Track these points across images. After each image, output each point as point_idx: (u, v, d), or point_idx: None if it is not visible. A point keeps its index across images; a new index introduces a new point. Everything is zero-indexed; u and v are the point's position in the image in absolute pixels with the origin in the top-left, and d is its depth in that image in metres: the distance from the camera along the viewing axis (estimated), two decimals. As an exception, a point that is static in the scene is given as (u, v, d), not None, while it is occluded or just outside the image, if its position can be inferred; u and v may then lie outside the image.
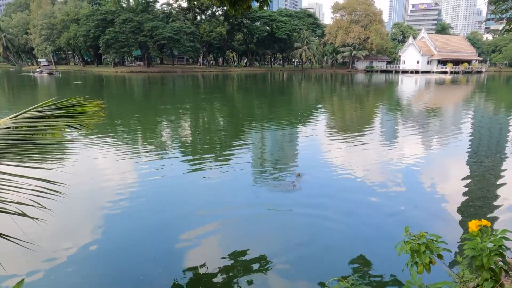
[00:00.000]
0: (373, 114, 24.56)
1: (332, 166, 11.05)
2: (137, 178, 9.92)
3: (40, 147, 2.85)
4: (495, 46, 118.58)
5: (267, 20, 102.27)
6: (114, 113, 22.06)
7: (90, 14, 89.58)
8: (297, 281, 5.48)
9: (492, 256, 2.50)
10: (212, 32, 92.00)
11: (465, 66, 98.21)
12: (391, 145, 14.36)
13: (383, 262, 5.85)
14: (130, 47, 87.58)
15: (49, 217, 3.17)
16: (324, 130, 18.02)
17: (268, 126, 18.68)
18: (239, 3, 6.81)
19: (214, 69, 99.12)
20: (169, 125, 19.48)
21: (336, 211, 7.86)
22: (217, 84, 54.11)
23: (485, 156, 12.91)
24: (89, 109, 3.36)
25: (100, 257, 6.05)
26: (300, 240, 6.68)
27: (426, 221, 7.46)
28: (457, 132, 17.26)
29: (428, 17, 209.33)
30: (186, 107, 27.69)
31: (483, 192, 9.16)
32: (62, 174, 5.91)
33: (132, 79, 63.66)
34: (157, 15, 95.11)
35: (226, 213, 7.79)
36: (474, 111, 26.67)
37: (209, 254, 6.15)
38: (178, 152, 12.95)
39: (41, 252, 5.91)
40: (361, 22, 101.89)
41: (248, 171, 10.65)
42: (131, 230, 6.93)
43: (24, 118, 3.03)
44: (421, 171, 10.78)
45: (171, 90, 44.40)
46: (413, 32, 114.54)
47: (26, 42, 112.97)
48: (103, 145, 13.69)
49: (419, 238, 2.72)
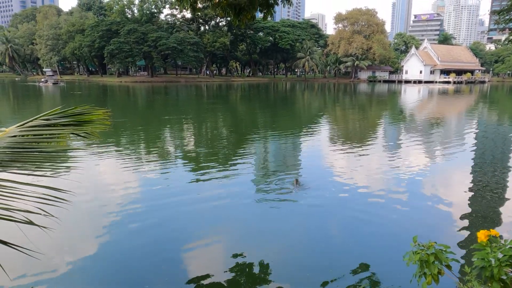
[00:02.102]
0: (377, 124, 24.53)
1: (336, 175, 11.00)
2: (142, 187, 9.92)
3: (46, 155, 2.85)
4: (498, 56, 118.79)
5: (270, 30, 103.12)
6: (119, 122, 22.16)
7: (95, 25, 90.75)
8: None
9: (503, 266, 2.46)
10: (216, 42, 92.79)
11: (468, 76, 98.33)
12: (396, 155, 14.30)
13: (391, 273, 5.77)
14: (134, 57, 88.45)
15: (55, 225, 3.16)
16: (328, 140, 18.00)
17: (271, 136, 18.68)
18: (243, 13, 6.87)
19: (217, 79, 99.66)
20: (173, 134, 19.53)
21: (341, 221, 7.80)
22: (220, 94, 54.35)
23: (491, 165, 12.82)
24: (95, 118, 3.37)
25: (105, 266, 6.01)
26: (303, 250, 6.62)
27: (433, 230, 7.38)
28: (461, 142, 17.18)
29: (431, 27, 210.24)
30: (189, 117, 27.79)
31: (490, 202, 9.07)
32: (68, 182, 5.90)
33: (136, 89, 64.10)
34: (161, 25, 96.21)
35: (228, 222, 7.74)
36: (478, 121, 26.59)
37: (212, 263, 6.10)
38: (182, 162, 12.95)
39: (46, 260, 5.88)
40: (363, 32, 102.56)
41: (250, 180, 10.62)
42: (137, 239, 6.89)
43: (31, 127, 3.04)
44: (427, 181, 10.71)
45: (174, 100, 44.62)
46: (415, 42, 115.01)
47: (32, 52, 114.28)
48: (108, 153, 13.72)
49: (427, 248, 2.68)
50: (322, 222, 7.64)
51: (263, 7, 7.61)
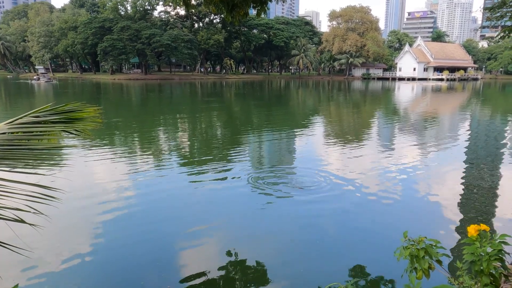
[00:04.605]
0: (371, 122, 24.63)
1: (329, 172, 11.02)
2: (134, 185, 9.87)
3: (36, 152, 2.82)
4: (490, 53, 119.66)
5: (265, 27, 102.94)
6: (111, 120, 22.03)
7: (88, 22, 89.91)
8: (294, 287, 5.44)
9: (492, 261, 2.49)
10: (210, 39, 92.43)
11: (461, 73, 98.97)
12: (389, 152, 14.38)
13: (382, 268, 5.81)
14: (128, 54, 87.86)
15: (45, 223, 3.13)
16: (322, 138, 18.04)
17: (266, 134, 18.68)
18: (236, 10, 6.84)
19: (211, 76, 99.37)
20: (166, 133, 19.46)
21: (333, 216, 7.84)
22: (215, 92, 54.22)
23: (483, 162, 12.93)
24: (86, 115, 3.34)
25: (95, 264, 5.98)
26: (296, 246, 6.64)
27: (425, 226, 7.45)
28: (454, 139, 17.31)
29: (424, 24, 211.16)
30: (183, 114, 27.71)
31: (482, 197, 9.16)
32: (58, 179, 5.85)
33: (130, 86, 63.73)
34: (155, 22, 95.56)
35: (222, 220, 7.74)
36: (471, 118, 26.81)
37: (206, 263, 6.10)
38: (175, 160, 12.91)
39: (36, 258, 5.84)
40: (357, 30, 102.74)
41: (244, 180, 10.61)
42: (127, 237, 6.87)
43: (20, 124, 3.01)
44: (419, 177, 10.79)
45: (168, 97, 44.45)
46: (409, 40, 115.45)
47: (24, 49, 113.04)
48: (100, 151, 13.63)
49: (418, 243, 2.70)
50: (314, 220, 7.65)
51: (256, 3, 7.58)
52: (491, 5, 6.11)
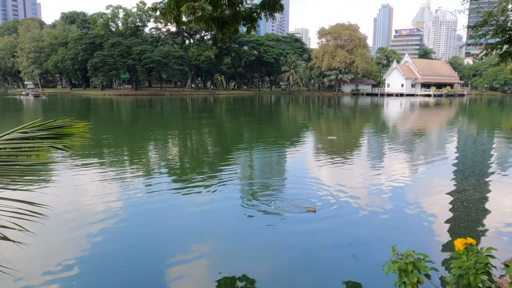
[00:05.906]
0: (360, 136, 24.85)
1: (318, 186, 11.04)
2: (122, 201, 9.75)
3: (24, 168, 2.80)
4: (475, 70, 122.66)
5: (255, 44, 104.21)
6: (101, 135, 21.86)
7: (79, 38, 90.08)
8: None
9: (479, 274, 2.51)
10: (201, 55, 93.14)
11: (448, 89, 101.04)
12: (378, 167, 14.49)
13: (370, 282, 5.80)
14: (119, 70, 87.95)
15: (31, 240, 3.08)
16: (312, 153, 18.13)
17: (256, 150, 18.71)
18: (226, 26, 6.95)
19: (202, 92, 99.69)
20: (156, 148, 19.36)
21: (322, 230, 7.81)
22: (205, 107, 54.31)
23: (470, 176, 13.10)
24: (75, 131, 3.32)
25: (83, 280, 5.85)
26: (286, 260, 6.59)
27: (413, 240, 7.46)
28: (442, 153, 17.54)
29: (411, 42, 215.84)
30: (174, 131, 27.64)
31: (469, 211, 9.24)
32: (46, 196, 5.76)
33: (120, 102, 63.53)
34: (145, 39, 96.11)
35: (213, 238, 7.67)
36: (458, 133, 27.24)
37: (196, 279, 6.02)
38: (166, 177, 12.82)
39: (21, 277, 5.69)
40: (346, 47, 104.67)
41: (235, 196, 10.57)
42: (115, 252, 6.76)
43: (8, 140, 2.99)
44: (407, 191, 10.87)
45: (159, 113, 44.36)
46: (397, 57, 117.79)
47: (13, 65, 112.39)
48: (88, 167, 13.48)
49: (406, 257, 2.72)
50: (303, 236, 7.63)
51: (246, 21, 7.72)
52: (474, 24, 6.29)
